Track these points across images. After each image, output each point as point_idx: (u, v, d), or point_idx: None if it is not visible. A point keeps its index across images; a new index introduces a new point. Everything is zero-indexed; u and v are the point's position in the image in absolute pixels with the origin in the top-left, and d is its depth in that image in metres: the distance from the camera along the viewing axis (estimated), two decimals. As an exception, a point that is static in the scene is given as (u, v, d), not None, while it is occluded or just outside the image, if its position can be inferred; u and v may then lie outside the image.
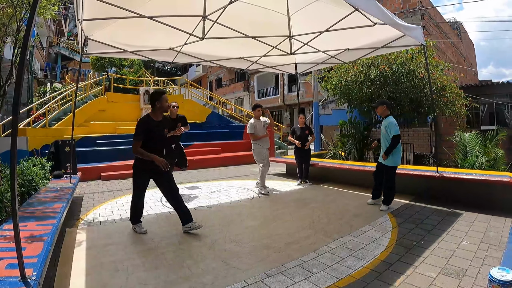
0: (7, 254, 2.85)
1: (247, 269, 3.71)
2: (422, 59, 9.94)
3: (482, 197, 6.23)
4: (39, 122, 14.59)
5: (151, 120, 4.98)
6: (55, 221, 3.99)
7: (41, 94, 21.31)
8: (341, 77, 11.39)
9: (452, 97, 10.44)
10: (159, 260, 4.04)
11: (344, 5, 5.37)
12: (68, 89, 18.46)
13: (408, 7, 18.86)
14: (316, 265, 3.79)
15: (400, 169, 6.96)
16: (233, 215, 5.60)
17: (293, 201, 7.24)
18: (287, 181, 9.74)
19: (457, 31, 25.78)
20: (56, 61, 35.52)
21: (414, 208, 6.23)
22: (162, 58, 9.11)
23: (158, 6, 5.78)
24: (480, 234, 4.71)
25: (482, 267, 3.59)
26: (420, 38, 6.55)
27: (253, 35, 7.36)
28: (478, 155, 9.86)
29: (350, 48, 7.97)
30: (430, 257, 3.93)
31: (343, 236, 4.76)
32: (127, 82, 19.52)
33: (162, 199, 7.52)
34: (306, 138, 8.90)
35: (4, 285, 2.38)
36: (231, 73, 41.66)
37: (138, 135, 4.76)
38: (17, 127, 2.73)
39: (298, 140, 8.87)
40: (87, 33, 6.42)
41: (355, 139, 12.12)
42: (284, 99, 33.46)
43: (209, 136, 16.92)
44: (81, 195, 8.15)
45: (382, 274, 3.53)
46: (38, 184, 6.06)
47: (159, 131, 5.01)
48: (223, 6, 5.96)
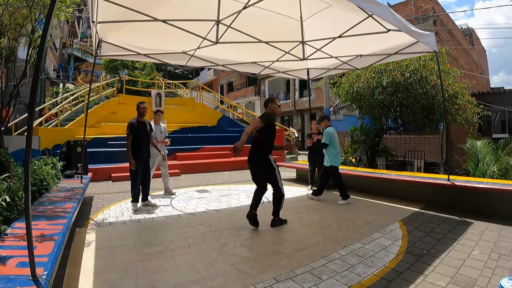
0: (18, 253, 2.87)
1: (256, 274, 3.70)
2: (434, 66, 9.87)
3: (494, 206, 6.17)
4: (51, 122, 14.71)
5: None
6: (66, 220, 4.00)
7: (53, 94, 21.49)
8: (353, 83, 11.32)
9: (464, 105, 10.34)
10: (169, 262, 4.04)
11: (358, 11, 5.36)
12: (80, 90, 18.63)
13: (420, 13, 18.79)
14: (326, 271, 3.77)
15: (411, 177, 7.47)
16: (243, 220, 5.58)
17: (303, 207, 7.21)
18: (297, 186, 9.72)
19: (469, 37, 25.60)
20: (69, 62, 35.91)
21: (424, 216, 6.16)
22: (175, 61, 9.16)
23: (172, 10, 5.82)
24: (491, 243, 4.65)
25: (493, 277, 3.53)
26: (433, 45, 6.52)
27: (266, 40, 7.38)
28: (489, 163, 9.75)
29: (362, 54, 7.96)
30: (440, 266, 3.89)
31: (353, 243, 4.73)
32: (139, 84, 19.64)
33: (172, 201, 7.55)
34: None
35: (15, 283, 2.38)
36: (242, 78, 41.68)
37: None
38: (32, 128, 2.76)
39: (311, 145, 8.82)
40: (101, 35, 6.48)
41: (366, 145, 12.05)
42: (295, 104, 33.37)
43: (220, 139, 16.93)
44: (92, 196, 8.21)
45: (392, 282, 3.49)
46: (49, 183, 6.10)
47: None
48: (237, 11, 5.99)
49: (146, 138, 6.97)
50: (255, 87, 38.86)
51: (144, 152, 6.85)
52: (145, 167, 6.96)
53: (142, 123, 6.91)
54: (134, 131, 6.68)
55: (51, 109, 15.69)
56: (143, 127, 6.90)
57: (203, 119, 18.79)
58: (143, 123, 6.92)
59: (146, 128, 6.97)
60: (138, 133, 6.73)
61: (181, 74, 46.99)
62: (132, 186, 6.84)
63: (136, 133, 6.69)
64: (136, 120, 6.84)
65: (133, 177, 6.81)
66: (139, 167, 6.75)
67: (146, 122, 7.04)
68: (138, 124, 6.80)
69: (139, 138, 6.75)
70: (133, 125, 6.72)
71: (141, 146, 6.79)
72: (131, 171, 6.73)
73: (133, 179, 6.82)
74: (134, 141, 6.67)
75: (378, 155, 12.24)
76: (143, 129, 6.87)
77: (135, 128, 6.72)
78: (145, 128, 6.94)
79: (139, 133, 6.75)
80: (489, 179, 7.92)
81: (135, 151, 6.67)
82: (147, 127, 6.98)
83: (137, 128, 6.75)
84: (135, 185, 6.82)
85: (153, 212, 6.61)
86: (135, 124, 6.75)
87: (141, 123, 6.87)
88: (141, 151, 6.78)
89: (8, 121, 7.77)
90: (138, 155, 6.69)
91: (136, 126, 6.75)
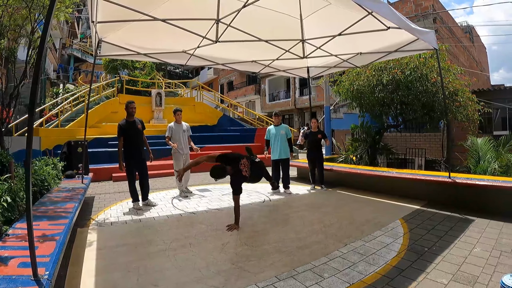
0: (20, 253, 2.87)
1: (258, 272, 3.70)
2: (434, 63, 9.86)
3: (495, 203, 6.16)
4: (51, 123, 14.72)
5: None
6: (67, 221, 4.01)
7: (53, 95, 21.51)
8: (353, 81, 11.31)
9: (465, 102, 10.33)
10: (170, 261, 4.04)
11: (357, 9, 5.36)
12: (81, 90, 18.62)
13: (420, 11, 18.76)
14: (327, 269, 3.77)
15: (412, 175, 7.53)
16: (245, 218, 5.59)
17: (304, 205, 7.21)
18: (298, 185, 9.70)
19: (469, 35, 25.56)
20: (68, 62, 35.91)
21: (425, 214, 6.16)
22: (175, 60, 9.17)
23: (172, 9, 5.81)
24: (492, 241, 4.65)
25: (494, 274, 3.54)
26: (433, 42, 6.51)
27: (266, 38, 7.37)
28: (490, 160, 9.75)
29: (362, 52, 7.94)
30: (442, 263, 3.89)
31: (355, 241, 4.73)
32: (139, 84, 19.64)
33: (173, 201, 7.55)
34: (318, 142, 8.84)
35: (17, 283, 2.39)
36: (243, 76, 41.63)
37: None
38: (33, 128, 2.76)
39: (310, 144, 8.89)
40: (101, 35, 6.48)
41: (366, 143, 12.03)
42: (295, 102, 33.36)
43: (220, 138, 16.91)
44: (93, 196, 8.21)
45: (394, 280, 3.49)
46: (50, 183, 6.10)
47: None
48: (236, 9, 5.98)
49: (137, 137, 6.94)
50: (255, 86, 38.83)
51: (136, 151, 6.85)
52: (140, 166, 6.97)
53: (132, 122, 6.90)
54: (123, 132, 6.69)
55: (51, 109, 15.68)
56: (133, 126, 6.88)
57: (203, 118, 18.77)
58: (132, 122, 6.91)
59: (137, 127, 6.94)
60: (128, 133, 6.74)
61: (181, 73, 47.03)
62: (129, 186, 6.88)
63: (126, 134, 6.70)
64: (126, 120, 6.85)
65: (127, 177, 6.87)
66: (131, 168, 6.79)
67: (137, 121, 7.02)
68: (127, 125, 6.81)
69: (129, 138, 6.75)
70: (122, 126, 6.74)
71: (132, 145, 6.80)
72: (126, 171, 6.79)
73: (128, 179, 6.88)
74: (125, 142, 6.69)
75: (379, 153, 12.23)
76: (133, 128, 6.86)
77: (125, 129, 6.73)
78: (136, 128, 6.91)
79: (129, 133, 6.76)
80: (490, 176, 7.90)
81: (127, 151, 6.70)
82: (138, 125, 6.96)
83: (127, 129, 6.76)
84: (131, 185, 6.85)
85: (155, 212, 6.61)
86: (124, 125, 6.76)
87: (130, 123, 6.87)
88: (133, 150, 6.79)
89: (9, 122, 7.79)
90: (129, 155, 6.73)
91: (125, 126, 6.76)
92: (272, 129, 8.70)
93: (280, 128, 8.59)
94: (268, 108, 36.13)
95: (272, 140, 8.61)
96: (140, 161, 6.96)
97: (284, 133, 8.48)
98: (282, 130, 8.53)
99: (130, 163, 6.77)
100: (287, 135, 8.53)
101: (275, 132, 8.57)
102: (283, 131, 8.50)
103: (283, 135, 8.43)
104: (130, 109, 6.92)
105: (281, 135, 8.43)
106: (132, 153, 6.77)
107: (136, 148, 6.87)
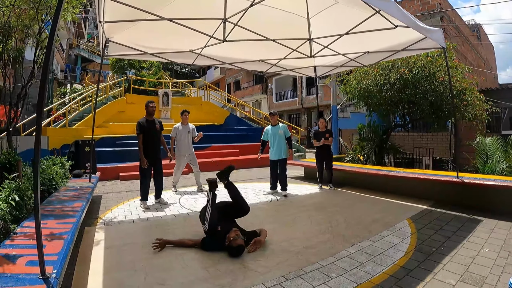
0: (28, 251, 2.89)
1: (265, 272, 3.70)
2: (442, 62, 9.78)
3: (503, 203, 6.11)
4: (59, 122, 14.80)
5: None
6: (75, 219, 4.03)
7: (61, 94, 21.62)
8: (360, 80, 11.26)
9: (473, 101, 10.25)
10: (177, 261, 4.05)
11: (365, 8, 5.33)
12: (88, 90, 18.72)
13: (427, 9, 18.64)
14: (335, 269, 3.76)
15: (419, 174, 7.50)
16: (252, 218, 5.57)
17: (312, 205, 7.20)
18: (306, 184, 9.69)
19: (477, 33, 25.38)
20: (76, 62, 36.06)
21: (433, 214, 6.13)
22: (182, 60, 9.19)
23: (179, 8, 5.82)
24: (500, 241, 4.62)
25: (502, 275, 3.51)
26: (440, 41, 6.47)
27: (273, 37, 7.36)
28: (499, 160, 9.68)
29: (370, 51, 7.91)
30: (450, 264, 3.86)
31: (362, 241, 4.71)
32: (146, 84, 19.69)
33: (180, 200, 7.57)
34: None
35: (25, 282, 2.40)
36: (249, 76, 41.54)
37: None
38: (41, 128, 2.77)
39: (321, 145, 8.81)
40: (108, 35, 6.50)
41: (374, 143, 11.98)
42: (302, 102, 33.23)
43: (227, 138, 16.98)
44: (100, 195, 8.25)
45: (401, 280, 3.47)
46: (58, 182, 6.15)
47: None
48: (243, 9, 5.98)
49: (155, 137, 7.03)
50: (262, 85, 38.73)
51: (151, 150, 6.88)
52: (155, 165, 7.02)
53: (151, 121, 6.99)
54: (143, 130, 6.74)
55: (59, 109, 15.80)
56: (152, 126, 6.97)
57: (210, 117, 18.80)
58: (152, 121, 7.00)
59: (156, 127, 7.04)
60: (147, 132, 6.81)
61: (188, 73, 47.09)
62: (141, 184, 6.90)
63: (145, 132, 6.76)
64: (145, 119, 6.93)
65: (142, 175, 6.89)
66: (149, 166, 6.79)
67: (156, 121, 7.13)
68: (147, 123, 6.89)
69: (148, 137, 6.82)
70: (142, 124, 6.80)
71: (149, 144, 6.84)
72: (141, 170, 6.81)
73: (142, 177, 6.90)
74: (143, 140, 6.73)
75: (386, 153, 12.17)
76: (152, 128, 6.95)
77: (144, 127, 6.80)
78: (154, 127, 7.01)
79: (148, 132, 6.83)
80: (499, 176, 7.84)
81: (144, 149, 6.71)
82: (156, 125, 7.06)
83: (146, 127, 6.83)
84: (144, 183, 6.89)
85: (162, 211, 6.63)
86: (144, 123, 6.83)
87: (150, 122, 6.96)
88: (150, 149, 6.82)
89: (17, 121, 7.83)
90: (145, 153, 6.73)
91: (145, 125, 6.83)
92: (270, 130, 8.56)
93: (277, 128, 8.44)
94: (275, 108, 36.02)
95: (270, 140, 8.49)
96: (155, 160, 7.00)
97: (282, 133, 8.34)
98: (280, 130, 8.38)
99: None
100: (285, 134, 8.38)
101: (273, 132, 8.45)
102: (281, 131, 8.35)
103: (281, 134, 8.31)
104: (150, 108, 7.02)
105: (279, 135, 8.30)
106: (148, 152, 6.80)
107: (152, 147, 6.92)
